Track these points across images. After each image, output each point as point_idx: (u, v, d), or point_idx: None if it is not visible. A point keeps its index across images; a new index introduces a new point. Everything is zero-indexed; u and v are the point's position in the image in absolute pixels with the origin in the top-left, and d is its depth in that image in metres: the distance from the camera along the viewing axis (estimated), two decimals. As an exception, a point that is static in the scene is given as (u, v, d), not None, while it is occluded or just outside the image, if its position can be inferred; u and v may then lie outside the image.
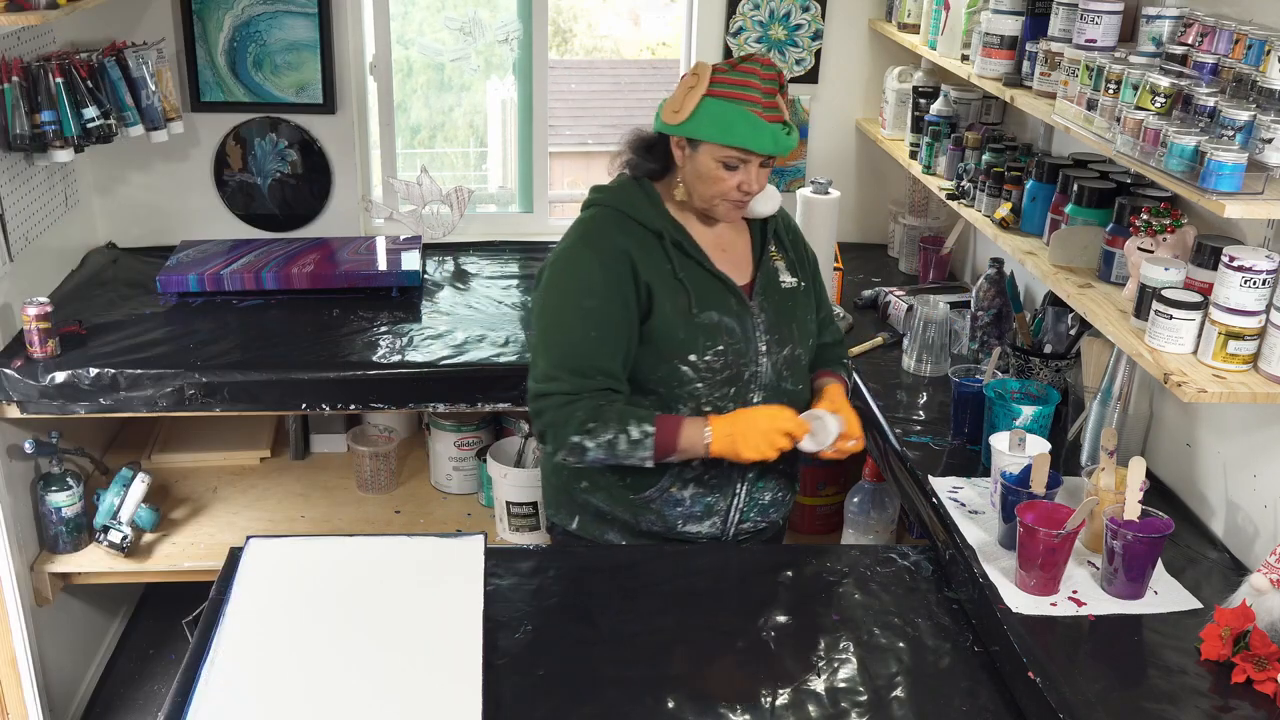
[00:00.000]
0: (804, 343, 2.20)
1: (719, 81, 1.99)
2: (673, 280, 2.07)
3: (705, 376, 2.09)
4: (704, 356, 2.08)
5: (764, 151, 2.00)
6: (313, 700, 1.69)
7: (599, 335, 2.05)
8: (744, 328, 2.11)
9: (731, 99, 1.98)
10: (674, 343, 2.07)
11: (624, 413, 2.04)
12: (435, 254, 3.57)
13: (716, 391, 2.10)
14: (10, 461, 2.84)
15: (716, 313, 2.09)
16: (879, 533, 3.04)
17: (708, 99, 1.99)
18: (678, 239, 2.09)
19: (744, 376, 2.11)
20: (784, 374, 2.16)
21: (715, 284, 2.11)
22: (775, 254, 2.21)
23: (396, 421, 3.47)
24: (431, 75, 4.81)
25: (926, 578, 2.12)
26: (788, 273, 2.20)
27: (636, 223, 2.09)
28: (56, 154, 2.87)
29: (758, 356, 2.12)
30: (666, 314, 2.07)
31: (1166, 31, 2.15)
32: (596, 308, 2.05)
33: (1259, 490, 2.05)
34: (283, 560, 2.01)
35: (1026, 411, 2.27)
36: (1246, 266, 1.82)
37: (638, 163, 2.13)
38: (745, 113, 1.98)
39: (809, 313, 2.23)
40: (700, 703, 1.77)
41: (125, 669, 3.44)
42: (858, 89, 3.68)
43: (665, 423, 2.04)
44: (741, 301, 2.12)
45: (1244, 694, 1.71)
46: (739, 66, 2.00)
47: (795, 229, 2.30)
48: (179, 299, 3.14)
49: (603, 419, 2.03)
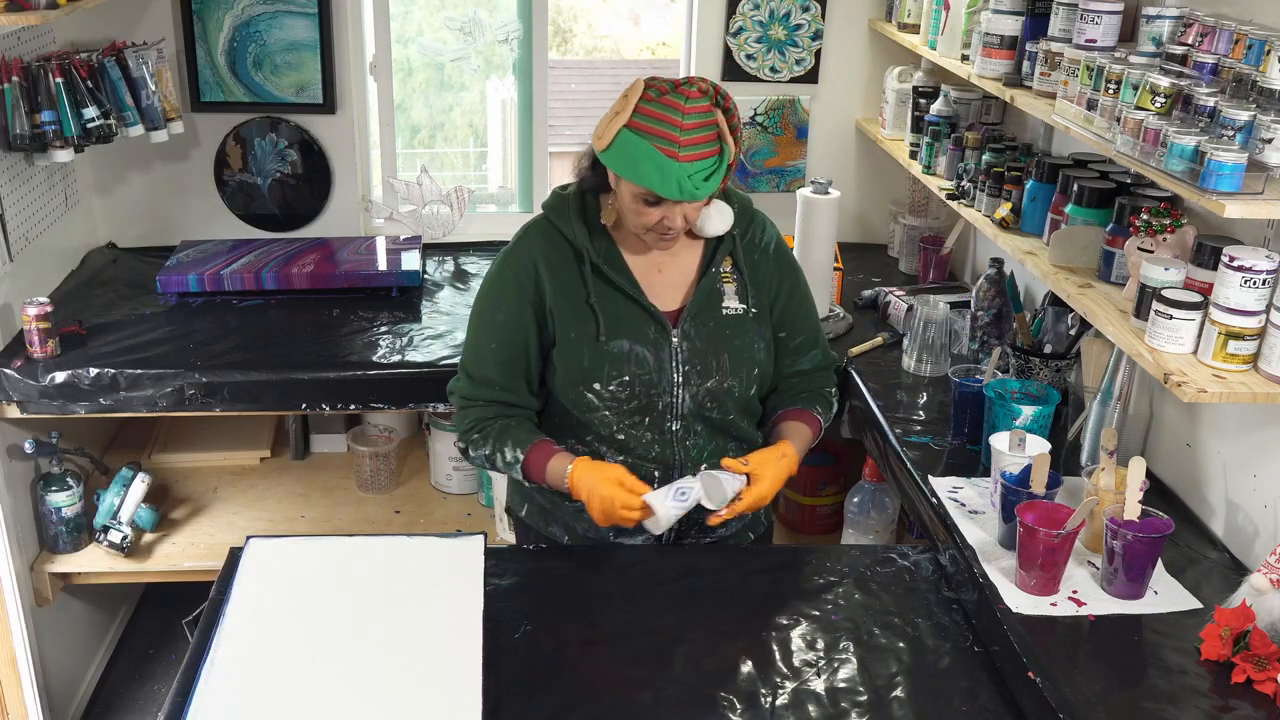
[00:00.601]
0: (739, 373, 2.08)
1: (641, 111, 1.88)
2: (583, 305, 2.02)
3: (611, 405, 2.05)
4: (608, 386, 2.03)
5: (670, 197, 1.89)
6: (312, 700, 1.69)
7: (498, 349, 2.06)
8: (658, 357, 2.03)
9: (645, 134, 1.87)
10: (578, 370, 2.04)
11: (506, 431, 2.06)
12: (435, 254, 3.57)
13: (626, 420, 2.06)
14: (10, 461, 2.84)
15: (629, 341, 2.02)
16: (879, 533, 3.04)
17: (624, 130, 1.88)
18: (598, 262, 2.02)
19: (658, 407, 2.05)
20: (708, 405, 2.07)
21: (633, 310, 2.03)
22: (725, 275, 2.09)
23: (396, 421, 3.47)
24: (431, 75, 4.81)
25: (926, 578, 2.12)
26: (735, 298, 2.08)
27: (564, 238, 2.04)
28: (56, 154, 2.87)
29: (671, 387, 2.04)
30: (571, 340, 2.03)
31: (1166, 31, 2.15)
32: (503, 322, 2.06)
33: (1259, 490, 2.05)
34: (283, 560, 2.01)
35: (1026, 411, 2.27)
36: (1246, 266, 1.82)
37: (585, 174, 2.06)
38: (654, 152, 1.86)
39: (755, 340, 2.10)
40: (700, 703, 1.77)
41: (125, 669, 3.44)
42: (858, 89, 3.68)
43: (536, 453, 2.03)
44: (662, 329, 2.04)
45: (1244, 694, 1.71)
46: (664, 98, 1.87)
47: (769, 249, 2.14)
48: (179, 299, 3.14)
49: (485, 433, 2.07)
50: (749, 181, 3.69)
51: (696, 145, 1.87)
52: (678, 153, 1.86)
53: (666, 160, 1.86)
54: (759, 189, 3.71)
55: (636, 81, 1.92)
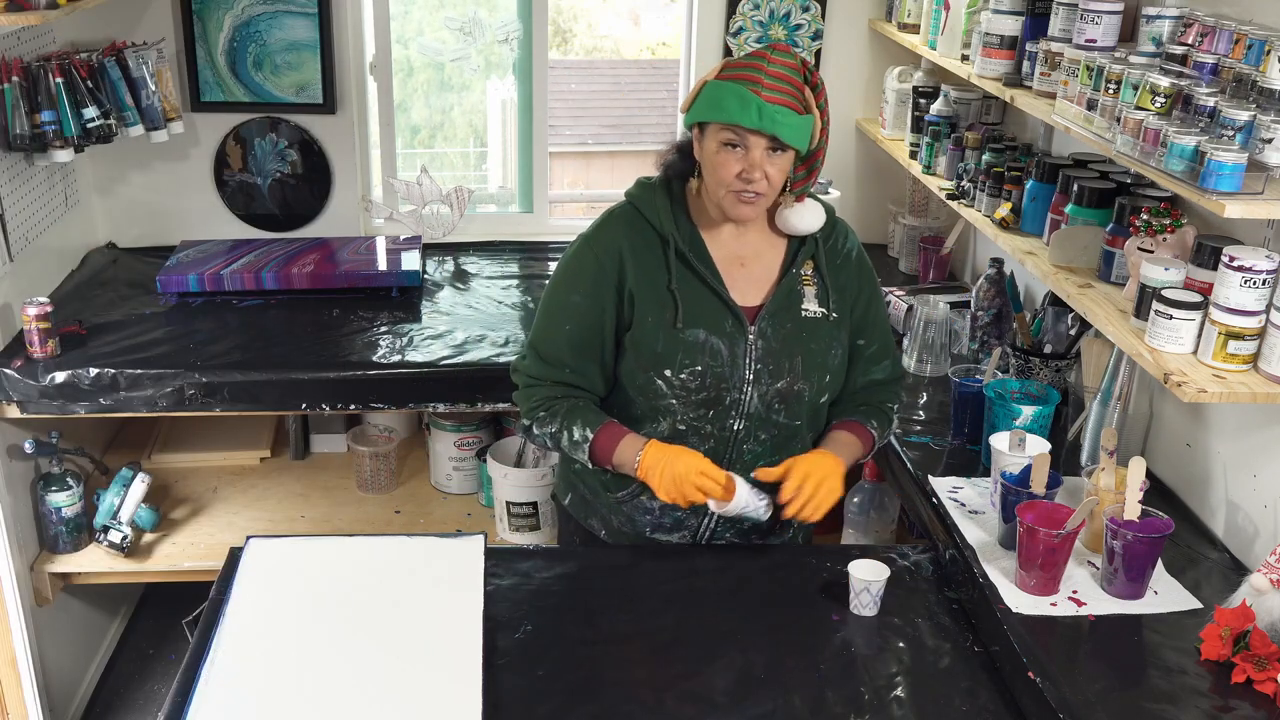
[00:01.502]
0: (812, 377, 2.06)
1: (728, 66, 1.95)
2: (664, 291, 2.02)
3: (680, 394, 2.04)
4: (679, 374, 2.02)
5: (749, 125, 1.88)
6: (313, 700, 1.69)
7: (574, 331, 2.06)
8: (732, 351, 2.02)
9: (731, 80, 1.92)
10: (651, 355, 2.03)
11: (575, 411, 2.06)
12: (435, 254, 3.57)
13: (692, 412, 2.05)
14: (10, 461, 2.84)
15: (705, 331, 2.01)
16: (879, 533, 3.04)
17: (710, 83, 1.95)
18: (683, 248, 2.03)
19: (724, 401, 2.04)
20: (775, 407, 2.06)
21: (712, 301, 2.03)
22: (806, 278, 2.07)
23: (396, 421, 3.47)
24: (431, 75, 4.81)
25: (926, 578, 2.12)
26: (815, 301, 2.06)
27: (649, 225, 2.05)
28: (56, 154, 2.87)
29: (742, 384, 2.03)
30: (648, 325, 2.03)
31: (1166, 31, 2.15)
32: (580, 304, 2.05)
33: (1259, 490, 2.05)
34: (283, 560, 2.01)
35: (1026, 411, 2.27)
36: (1246, 266, 1.82)
37: (672, 161, 2.08)
38: (738, 89, 1.89)
39: (831, 347, 2.07)
40: (700, 703, 1.77)
41: (125, 669, 3.44)
42: (858, 89, 3.68)
43: (606, 434, 2.03)
44: (739, 324, 2.03)
45: (1244, 694, 1.71)
46: (753, 51, 1.95)
47: (851, 256, 2.12)
48: (179, 299, 3.14)
49: (553, 411, 2.07)
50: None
51: (780, 91, 1.89)
52: (760, 90, 1.88)
53: (748, 93, 1.88)
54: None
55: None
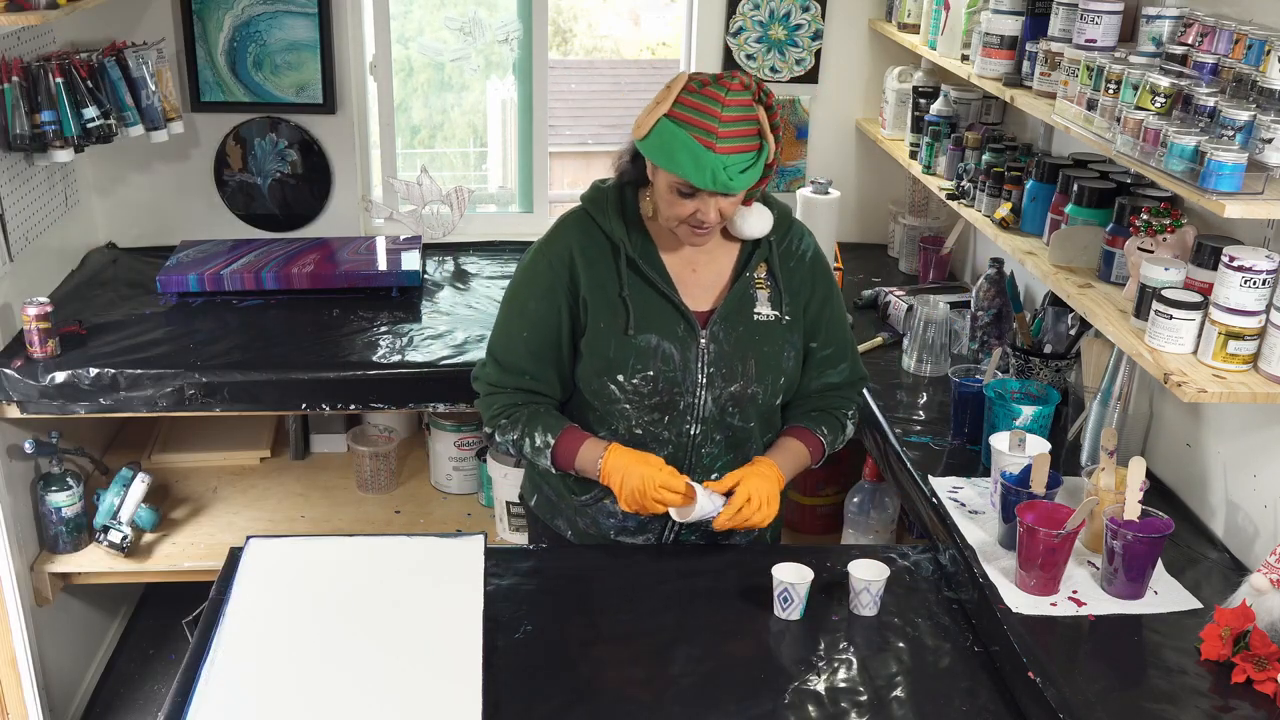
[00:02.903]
0: (766, 380, 2.07)
1: (681, 102, 1.88)
2: (615, 298, 2.02)
3: (633, 399, 2.04)
4: (631, 379, 2.03)
5: (703, 187, 1.88)
6: (312, 700, 1.69)
7: (531, 338, 2.07)
8: (684, 356, 2.03)
9: (684, 123, 1.86)
10: (603, 360, 2.04)
11: (535, 416, 2.07)
12: (435, 254, 3.57)
13: (646, 416, 2.06)
14: (10, 461, 2.84)
15: (656, 336, 2.02)
16: (879, 533, 3.04)
17: (664, 119, 1.88)
18: (634, 255, 2.03)
19: (678, 406, 2.05)
20: (730, 410, 2.06)
21: (664, 306, 2.03)
22: (759, 281, 2.08)
23: (396, 421, 3.47)
24: (431, 75, 4.81)
25: (926, 578, 2.12)
26: (768, 304, 2.07)
27: (601, 230, 2.05)
28: (56, 154, 2.87)
29: (695, 388, 2.04)
30: (600, 331, 2.03)
31: (1166, 31, 2.15)
32: (535, 310, 2.07)
33: (1259, 490, 2.05)
34: (283, 560, 2.01)
35: (1026, 411, 2.27)
36: (1246, 266, 1.82)
37: (625, 167, 2.06)
38: (691, 141, 1.85)
39: (784, 350, 2.08)
40: (700, 703, 1.77)
41: (125, 669, 3.44)
42: (858, 89, 3.68)
43: (567, 438, 2.04)
44: (690, 328, 2.03)
45: (1244, 694, 1.71)
46: (706, 89, 1.87)
47: (805, 256, 2.12)
48: (179, 299, 3.14)
49: (514, 418, 2.08)
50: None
51: (735, 138, 1.87)
52: (715, 143, 1.85)
53: (703, 150, 1.86)
54: (759, 189, 3.70)
55: (680, 74, 1.93)
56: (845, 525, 3.11)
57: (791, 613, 1.96)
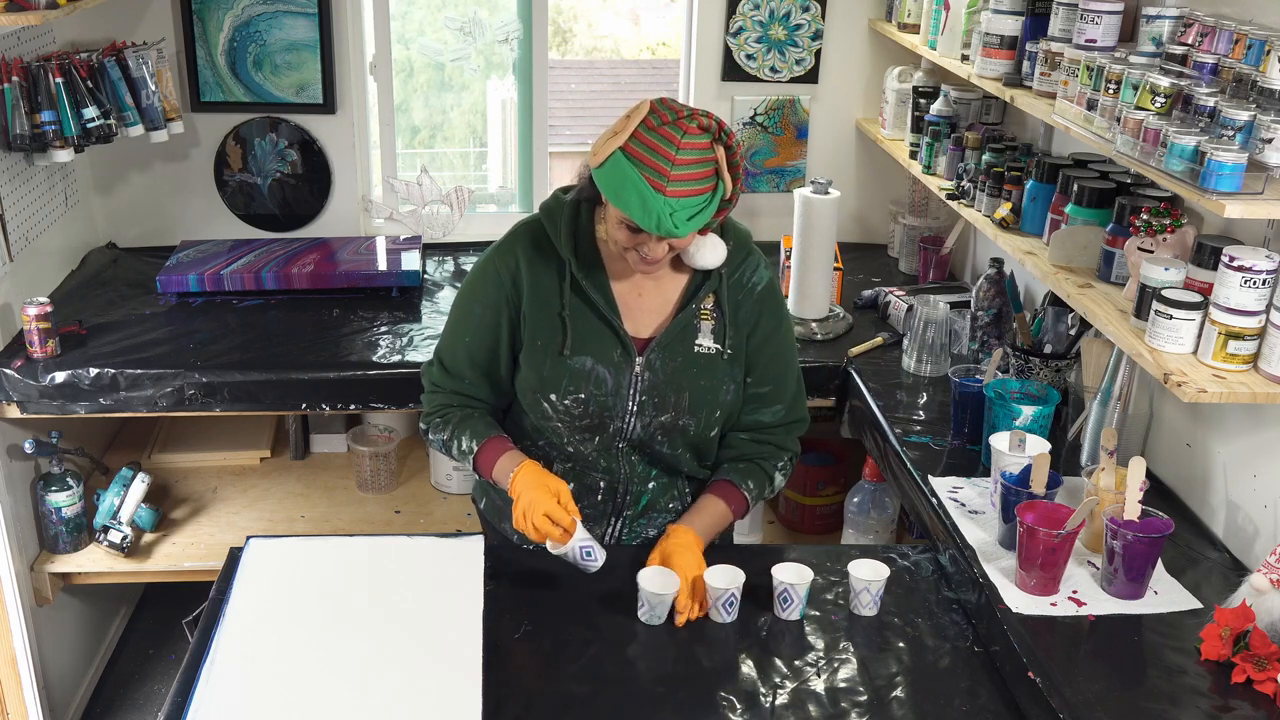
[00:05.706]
0: (700, 413, 2.04)
1: (638, 136, 1.82)
2: (555, 317, 2.01)
3: (564, 419, 2.04)
4: (563, 399, 2.02)
5: (647, 230, 1.84)
6: (312, 700, 1.69)
7: (472, 343, 2.07)
8: (618, 381, 2.01)
9: (636, 160, 1.81)
10: (537, 378, 2.03)
11: (465, 421, 2.08)
12: (435, 254, 3.57)
13: (576, 436, 2.06)
14: (10, 461, 2.84)
15: (591, 359, 2.00)
16: (879, 533, 3.04)
17: (618, 152, 1.83)
18: (579, 275, 1.99)
19: (608, 429, 2.04)
20: (659, 438, 2.05)
21: (602, 330, 2.01)
22: (705, 313, 2.03)
23: (396, 421, 3.47)
24: (431, 75, 4.81)
25: (926, 578, 2.12)
26: (710, 336, 2.03)
27: (552, 246, 2.03)
28: (56, 154, 2.87)
29: (624, 414, 2.03)
30: (537, 348, 2.03)
31: (1166, 31, 2.15)
32: (479, 316, 2.07)
33: (1259, 490, 2.05)
34: (283, 560, 2.01)
35: (1026, 411, 2.27)
36: (1246, 266, 1.82)
37: (585, 185, 1.99)
38: (640, 181, 1.80)
39: (723, 384, 2.04)
40: (700, 703, 1.77)
41: (125, 669, 3.44)
42: (858, 89, 3.68)
43: (489, 448, 2.04)
44: (627, 354, 2.01)
45: (1244, 694, 1.71)
46: (664, 128, 1.81)
47: (755, 289, 2.06)
48: (179, 299, 3.14)
49: (446, 419, 2.10)
50: (749, 182, 3.69)
51: (686, 181, 1.82)
52: (665, 186, 1.80)
53: (651, 192, 1.81)
54: (759, 189, 3.71)
55: (643, 102, 1.87)
56: (845, 525, 3.11)
57: (791, 613, 1.96)
